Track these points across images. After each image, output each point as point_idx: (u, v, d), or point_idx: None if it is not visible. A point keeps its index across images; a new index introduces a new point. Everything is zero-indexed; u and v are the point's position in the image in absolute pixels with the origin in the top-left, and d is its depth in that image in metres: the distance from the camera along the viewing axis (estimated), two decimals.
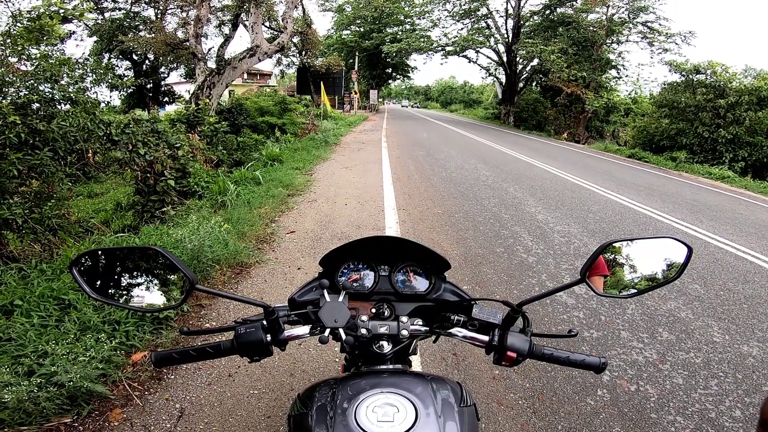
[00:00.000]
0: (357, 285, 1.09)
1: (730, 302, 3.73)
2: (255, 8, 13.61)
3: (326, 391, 0.79)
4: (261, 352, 0.90)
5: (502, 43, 31.26)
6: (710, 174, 13.50)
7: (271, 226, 4.94)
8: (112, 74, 5.53)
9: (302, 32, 18.96)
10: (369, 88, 41.02)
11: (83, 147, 4.38)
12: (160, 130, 5.72)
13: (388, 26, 36.97)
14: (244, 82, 37.75)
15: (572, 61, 24.19)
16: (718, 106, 15.63)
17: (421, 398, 0.74)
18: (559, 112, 27.35)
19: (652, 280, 0.93)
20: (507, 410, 2.22)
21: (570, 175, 10.04)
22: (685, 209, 7.44)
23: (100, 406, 2.06)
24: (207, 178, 6.55)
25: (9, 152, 3.59)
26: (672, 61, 18.19)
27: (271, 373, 2.39)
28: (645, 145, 18.47)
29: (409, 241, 1.05)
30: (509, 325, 0.93)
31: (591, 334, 3.00)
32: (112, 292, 0.86)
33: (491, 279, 3.85)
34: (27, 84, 4.10)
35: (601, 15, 25.54)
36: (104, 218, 6.23)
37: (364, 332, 0.91)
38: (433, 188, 7.44)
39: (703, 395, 2.44)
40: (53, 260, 3.37)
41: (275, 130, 14.00)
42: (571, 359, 0.93)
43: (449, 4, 32.26)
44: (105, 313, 2.52)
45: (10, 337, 2.21)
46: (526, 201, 6.92)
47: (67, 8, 4.89)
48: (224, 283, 3.49)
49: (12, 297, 2.56)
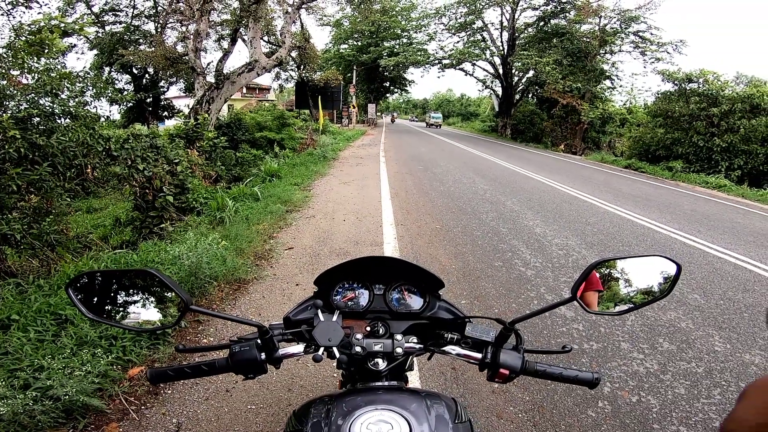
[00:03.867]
0: (352, 303, 1.10)
1: (731, 311, 3.72)
2: (254, 23, 13.80)
3: (321, 408, 0.79)
4: (255, 370, 0.90)
5: (497, 56, 31.64)
6: (707, 183, 13.56)
7: (270, 243, 4.94)
8: (112, 88, 5.57)
9: (300, 47, 19.19)
10: (367, 101, 41.30)
11: (82, 162, 4.40)
12: (159, 145, 5.75)
13: (385, 40, 37.47)
14: (243, 96, 38.05)
15: (567, 72, 24.50)
16: (712, 114, 15.75)
17: (415, 415, 0.75)
18: (555, 123, 27.57)
19: (644, 295, 0.94)
20: (507, 424, 2.20)
21: (567, 187, 10.08)
22: (682, 219, 7.46)
23: (96, 419, 2.04)
24: (205, 194, 6.57)
25: (8, 167, 3.61)
26: (664, 70, 18.38)
27: (268, 389, 2.37)
28: (641, 156, 18.58)
29: (403, 260, 1.07)
30: (502, 343, 0.94)
31: (591, 346, 2.99)
32: (108, 311, 0.87)
33: (490, 293, 3.84)
34: (27, 98, 4.12)
35: (593, 26, 25.96)
36: (103, 234, 6.23)
37: (359, 350, 0.92)
38: (431, 203, 7.46)
39: (706, 404, 2.43)
40: (51, 276, 3.37)
41: (274, 146, 14.06)
42: (564, 375, 0.93)
43: (445, 17, 32.79)
44: (102, 329, 2.51)
45: (6, 351, 2.21)
46: (524, 214, 6.93)
47: (67, 22, 4.95)
48: (222, 299, 3.48)
49: (9, 312, 2.56)
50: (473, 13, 30.49)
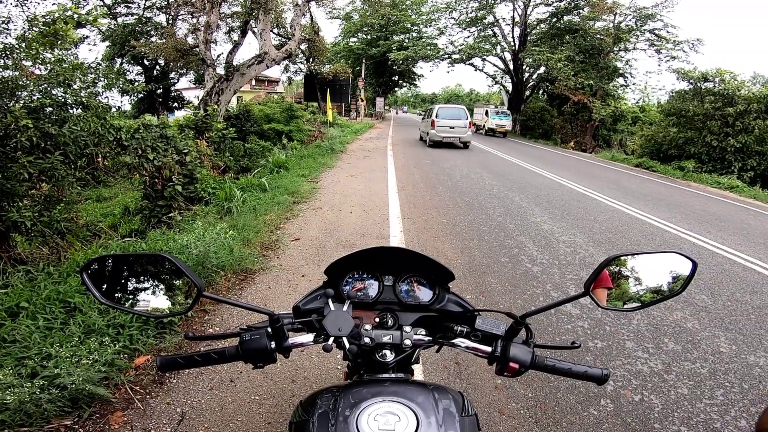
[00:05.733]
0: (361, 294, 1.10)
1: (738, 313, 3.68)
2: (264, 15, 13.78)
3: (328, 398, 0.79)
4: (265, 359, 0.91)
5: (508, 51, 31.31)
6: (719, 184, 13.35)
7: (276, 233, 4.97)
8: (123, 79, 5.60)
9: (310, 39, 19.11)
10: (375, 95, 41.17)
11: (93, 151, 4.44)
12: (169, 135, 5.78)
13: (395, 34, 37.22)
14: (252, 88, 38.12)
15: (579, 69, 24.16)
16: (727, 114, 15.47)
17: (422, 407, 0.75)
18: (565, 120, 27.23)
19: (656, 293, 0.93)
20: (509, 420, 2.21)
21: (576, 185, 9.99)
22: (693, 219, 7.37)
23: (101, 408, 2.07)
24: (214, 184, 6.61)
25: (20, 155, 3.65)
26: (680, 68, 18.05)
27: (272, 379, 2.39)
28: (653, 155, 18.30)
29: (414, 252, 1.06)
30: (512, 337, 0.94)
31: (595, 345, 2.98)
32: (120, 297, 0.88)
33: (495, 289, 3.83)
34: (40, 88, 4.16)
35: (608, 23, 25.50)
36: (112, 222, 6.30)
37: (368, 341, 0.92)
38: (438, 197, 7.44)
39: (709, 405, 2.42)
40: (60, 263, 3.41)
41: (282, 137, 14.09)
42: (574, 370, 0.93)
43: (456, 12, 32.43)
44: (110, 317, 2.54)
45: (14, 339, 2.23)
46: (532, 210, 6.89)
47: (81, 13, 4.98)
48: (228, 289, 3.51)
49: (18, 299, 2.58)
50: (484, 8, 30.16)
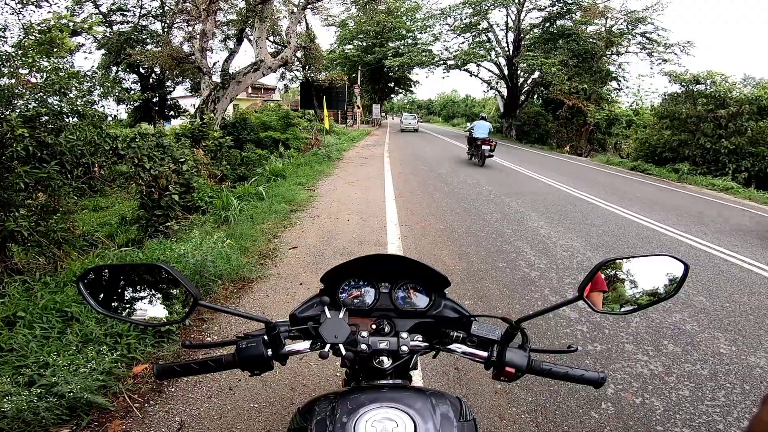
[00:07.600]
0: (358, 301, 1.10)
1: (736, 314, 3.69)
2: (259, 23, 13.85)
3: (326, 405, 0.79)
4: (262, 367, 0.91)
5: (503, 57, 31.49)
6: (713, 185, 13.44)
7: (274, 242, 4.96)
8: (119, 88, 5.60)
9: (306, 47, 19.24)
10: (372, 102, 41.30)
11: (90, 160, 4.44)
12: (166, 144, 5.79)
13: (390, 41, 37.41)
14: (248, 96, 38.13)
15: (573, 74, 24.32)
16: (719, 116, 15.60)
17: (420, 413, 0.75)
18: (561, 125, 27.40)
19: (650, 296, 0.94)
20: (509, 424, 2.20)
21: (572, 189, 10.04)
22: (688, 221, 7.41)
23: (99, 417, 2.06)
24: (211, 193, 6.60)
25: (16, 165, 3.64)
26: (671, 71, 18.17)
27: (271, 387, 2.38)
28: (647, 157, 18.42)
29: (409, 258, 1.07)
30: (508, 341, 0.94)
31: (595, 348, 2.98)
32: (117, 306, 0.88)
33: (493, 294, 3.83)
34: (36, 96, 4.15)
35: (600, 27, 25.75)
36: (109, 232, 6.26)
37: (365, 348, 0.92)
38: (435, 203, 7.46)
39: (711, 407, 2.41)
40: (57, 273, 3.40)
41: (279, 145, 14.11)
42: (570, 374, 0.93)
43: (450, 18, 32.65)
44: (107, 326, 2.53)
45: (12, 348, 2.23)
46: (529, 215, 6.91)
47: (76, 22, 4.99)
48: (226, 297, 3.49)
49: (15, 309, 2.58)
50: (479, 14, 30.34)
